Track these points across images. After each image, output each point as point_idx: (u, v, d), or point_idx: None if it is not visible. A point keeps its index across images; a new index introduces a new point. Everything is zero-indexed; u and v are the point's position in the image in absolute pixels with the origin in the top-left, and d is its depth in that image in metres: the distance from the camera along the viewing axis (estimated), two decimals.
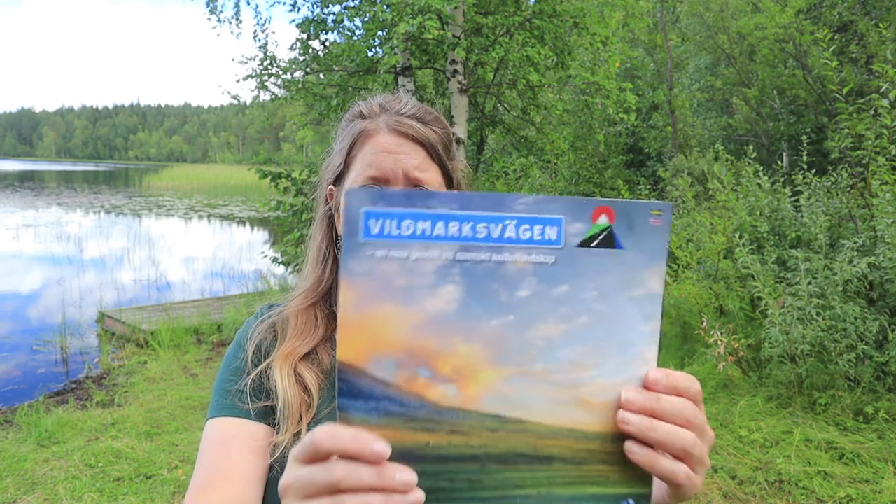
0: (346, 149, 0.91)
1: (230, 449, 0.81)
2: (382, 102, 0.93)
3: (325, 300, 0.95)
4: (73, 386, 5.51)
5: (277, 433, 0.81)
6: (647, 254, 0.58)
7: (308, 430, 0.82)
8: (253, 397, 0.85)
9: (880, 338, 3.83)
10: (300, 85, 6.98)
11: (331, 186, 0.95)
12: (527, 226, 0.57)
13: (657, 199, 10.60)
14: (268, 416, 0.85)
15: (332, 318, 0.93)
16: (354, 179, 0.88)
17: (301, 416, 0.82)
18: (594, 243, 0.58)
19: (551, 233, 0.57)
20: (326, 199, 0.97)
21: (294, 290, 0.99)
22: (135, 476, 3.55)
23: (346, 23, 6.71)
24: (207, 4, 7.04)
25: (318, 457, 0.49)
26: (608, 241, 0.58)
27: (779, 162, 10.31)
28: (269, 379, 0.86)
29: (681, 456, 0.55)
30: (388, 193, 0.55)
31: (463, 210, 0.56)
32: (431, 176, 0.89)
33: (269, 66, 6.99)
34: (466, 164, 1.03)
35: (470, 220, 0.57)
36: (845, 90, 4.36)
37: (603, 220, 0.58)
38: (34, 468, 3.68)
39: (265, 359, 0.88)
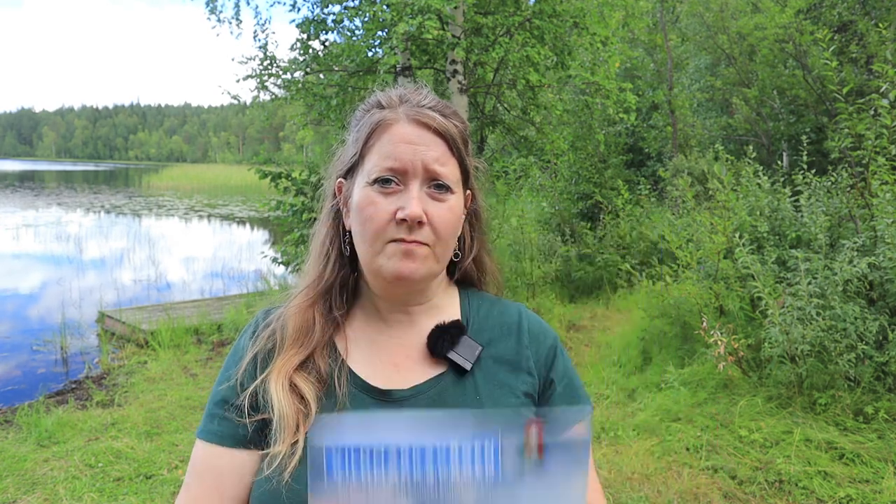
0: (362, 139, 0.88)
1: (204, 482, 0.86)
2: (402, 94, 0.90)
3: (325, 299, 0.92)
4: (73, 386, 5.51)
5: (274, 444, 0.81)
6: (571, 465, 0.67)
7: (306, 439, 0.81)
8: (250, 411, 0.85)
9: (880, 338, 3.82)
10: (300, 85, 6.97)
11: (341, 179, 0.92)
12: (468, 444, 0.67)
13: (657, 199, 10.60)
14: (258, 433, 0.86)
15: (330, 321, 0.91)
16: (371, 170, 0.85)
17: (298, 427, 0.82)
18: (529, 455, 0.66)
19: (489, 448, 0.67)
20: (334, 194, 0.94)
21: (294, 287, 0.97)
22: (135, 476, 3.55)
23: (346, 23, 6.71)
24: (207, 4, 7.04)
25: None
26: (539, 454, 0.66)
27: (779, 162, 10.30)
28: (265, 391, 0.85)
29: None
30: (345, 420, 0.69)
31: (411, 433, 0.66)
32: (450, 170, 0.87)
33: (269, 67, 6.98)
34: (483, 162, 1.01)
35: (419, 442, 0.66)
36: (845, 90, 4.36)
37: (534, 432, 0.66)
38: (34, 468, 3.68)
39: (263, 369, 0.88)
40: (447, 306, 0.96)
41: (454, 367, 0.89)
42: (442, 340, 0.90)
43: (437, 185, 0.85)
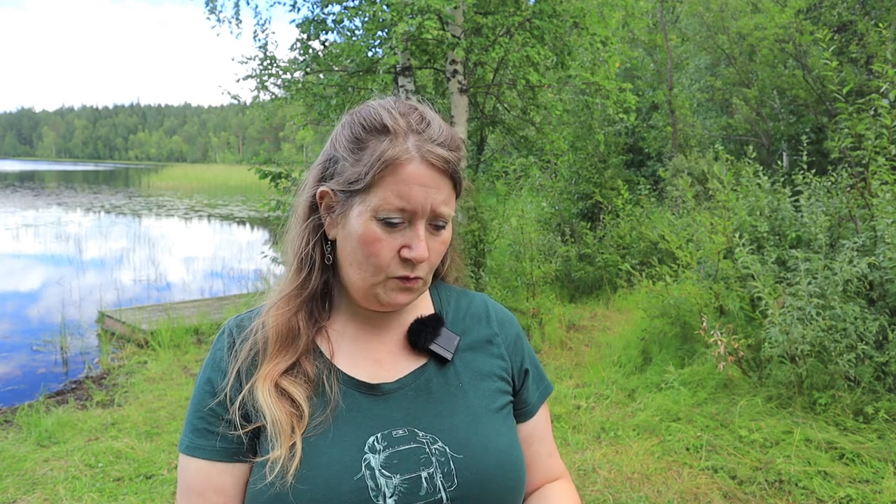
0: (372, 171, 0.84)
1: (206, 501, 0.86)
2: (408, 119, 0.86)
3: (308, 307, 0.92)
4: (73, 386, 5.50)
5: (272, 450, 0.82)
6: None
7: (302, 440, 0.83)
8: (243, 423, 0.86)
9: (880, 338, 3.82)
10: (300, 85, 6.97)
11: (324, 189, 0.89)
12: None
13: (657, 199, 10.60)
14: (251, 442, 0.87)
15: (312, 326, 0.92)
16: (379, 207, 0.83)
17: (293, 429, 0.83)
18: None
19: None
20: (317, 204, 0.91)
21: (272, 292, 0.95)
22: (135, 476, 3.55)
23: (346, 23, 6.71)
24: (207, 4, 7.03)
25: None
26: None
27: (779, 162, 10.31)
28: (253, 401, 0.86)
29: None
30: None
31: None
32: (450, 209, 0.89)
33: (269, 67, 6.98)
34: (469, 182, 1.03)
35: None
36: (845, 90, 4.36)
37: None
38: (34, 468, 3.68)
39: (248, 380, 0.88)
40: (419, 302, 0.99)
41: (434, 358, 0.93)
42: (423, 334, 0.93)
43: (435, 226, 0.88)
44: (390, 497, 0.80)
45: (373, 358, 0.93)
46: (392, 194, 0.83)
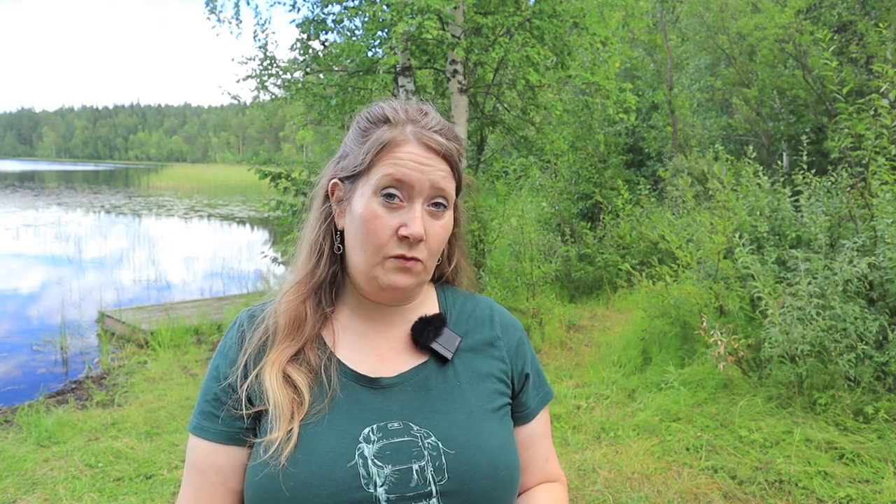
0: (372, 151, 0.91)
1: (208, 477, 0.91)
2: (408, 111, 0.94)
3: (316, 294, 0.96)
4: (73, 386, 5.50)
5: (270, 432, 0.86)
6: None
7: (300, 426, 0.86)
8: (247, 405, 0.90)
9: (880, 338, 3.82)
10: (300, 85, 6.96)
11: (335, 181, 0.96)
12: None
13: (657, 199, 10.60)
14: (252, 425, 0.90)
15: (320, 315, 0.96)
16: (379, 181, 0.90)
17: (293, 415, 0.87)
18: None
19: None
20: (328, 195, 0.98)
21: (285, 282, 1.01)
22: (135, 476, 3.55)
23: (346, 23, 6.70)
24: (207, 4, 7.03)
25: None
26: None
27: (779, 162, 10.31)
28: (259, 385, 0.90)
29: None
30: None
31: None
32: (450, 190, 0.93)
33: (269, 67, 6.97)
34: (473, 178, 1.06)
35: None
36: (845, 90, 4.35)
37: None
38: (34, 468, 3.68)
39: (256, 364, 0.92)
40: (425, 301, 1.03)
41: (435, 357, 0.96)
42: (426, 332, 0.96)
43: (435, 203, 0.91)
44: (381, 486, 0.83)
45: (375, 352, 0.96)
46: (389, 166, 0.89)
